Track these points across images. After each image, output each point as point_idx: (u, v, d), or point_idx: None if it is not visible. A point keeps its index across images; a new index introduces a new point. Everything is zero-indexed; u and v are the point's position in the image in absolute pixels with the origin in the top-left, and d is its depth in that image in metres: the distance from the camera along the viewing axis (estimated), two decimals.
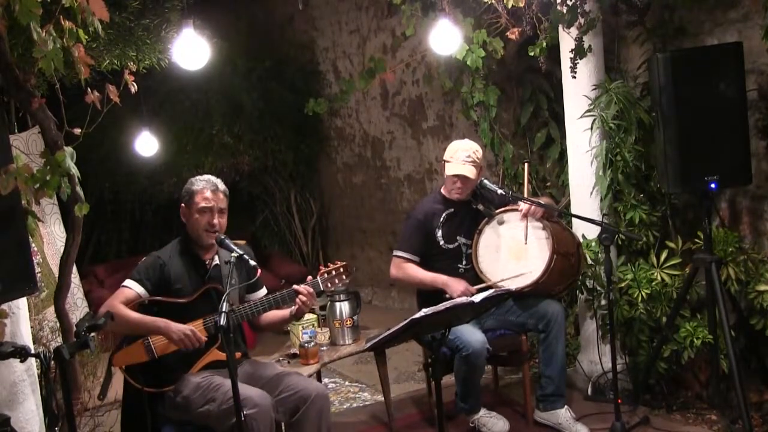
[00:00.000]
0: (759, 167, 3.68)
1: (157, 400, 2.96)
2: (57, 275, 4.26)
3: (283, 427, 3.13)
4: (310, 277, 3.13)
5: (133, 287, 2.98)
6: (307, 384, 3.06)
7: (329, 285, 3.12)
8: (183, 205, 3.11)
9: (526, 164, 3.97)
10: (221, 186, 3.12)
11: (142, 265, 3.06)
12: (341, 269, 3.14)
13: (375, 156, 6.69)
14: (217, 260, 3.15)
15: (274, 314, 3.20)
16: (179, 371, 2.96)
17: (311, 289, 3.04)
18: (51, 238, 4.36)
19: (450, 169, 3.69)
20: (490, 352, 3.50)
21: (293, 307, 3.08)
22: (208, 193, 3.06)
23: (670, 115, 3.37)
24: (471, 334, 3.43)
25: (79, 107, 3.03)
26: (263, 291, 3.29)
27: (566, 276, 3.70)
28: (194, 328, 2.92)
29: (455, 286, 3.59)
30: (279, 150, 6.84)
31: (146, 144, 5.19)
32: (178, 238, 3.17)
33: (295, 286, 3.06)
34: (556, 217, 3.80)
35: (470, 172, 3.65)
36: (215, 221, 3.04)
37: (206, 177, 3.14)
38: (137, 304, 2.95)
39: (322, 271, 3.14)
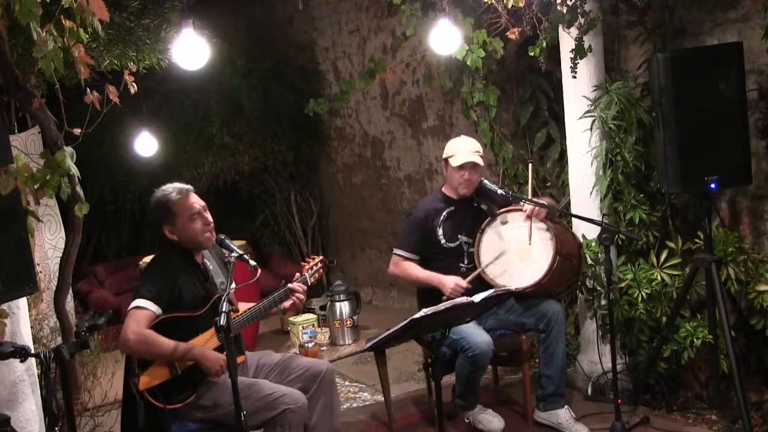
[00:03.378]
0: (759, 167, 3.68)
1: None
2: (44, 277, 4.27)
3: None
4: (298, 275, 3.25)
5: (150, 308, 2.85)
6: (313, 362, 3.24)
7: (313, 280, 3.29)
8: (165, 226, 3.01)
9: (530, 164, 3.94)
10: (188, 186, 3.10)
11: (150, 281, 2.94)
12: (319, 263, 3.33)
13: (375, 156, 6.69)
14: (207, 262, 3.16)
15: None
16: (197, 382, 2.94)
17: (304, 286, 3.20)
18: (40, 240, 4.35)
19: (456, 161, 3.67)
20: (494, 353, 3.51)
21: (286, 303, 3.17)
22: (186, 201, 3.02)
23: (670, 115, 3.37)
24: (477, 336, 3.43)
25: (79, 107, 3.03)
26: (233, 284, 3.29)
27: (567, 276, 3.70)
28: (225, 359, 2.88)
29: (446, 282, 3.60)
30: (279, 150, 6.84)
31: (146, 144, 5.19)
32: (165, 250, 3.07)
33: (290, 285, 3.17)
34: (558, 218, 3.80)
35: (478, 159, 3.66)
36: (209, 219, 3.05)
37: (169, 188, 3.07)
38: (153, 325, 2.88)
39: (306, 268, 3.28)
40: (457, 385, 3.67)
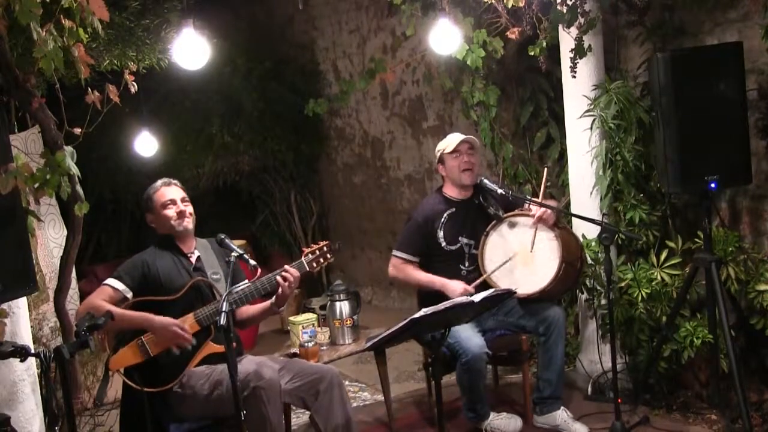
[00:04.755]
0: (759, 167, 3.68)
1: (159, 398, 2.96)
2: (47, 276, 4.28)
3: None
4: (295, 263, 3.11)
5: (113, 284, 3.00)
6: (317, 367, 3.20)
7: (315, 265, 3.10)
8: (147, 214, 3.22)
9: (545, 169, 3.77)
10: (173, 180, 3.27)
11: (123, 265, 3.10)
12: (325, 248, 3.12)
13: (375, 156, 6.69)
14: (197, 252, 3.21)
15: (253, 308, 3.23)
16: (177, 367, 2.97)
17: (297, 273, 3.04)
18: (44, 239, 4.37)
19: (450, 148, 3.70)
20: (490, 356, 3.49)
21: (276, 294, 3.08)
22: (163, 189, 3.20)
23: (670, 115, 3.37)
24: (469, 340, 3.41)
25: (79, 107, 3.03)
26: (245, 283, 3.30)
27: (570, 281, 3.69)
28: (179, 322, 2.94)
29: (453, 287, 3.59)
30: (279, 150, 6.84)
31: (146, 144, 5.19)
32: (153, 242, 3.21)
33: (282, 274, 3.02)
34: (563, 223, 3.79)
35: (473, 139, 3.70)
36: (182, 208, 3.16)
37: (157, 181, 3.27)
38: (126, 307, 2.95)
39: (306, 252, 3.13)
40: (462, 396, 3.62)
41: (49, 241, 4.39)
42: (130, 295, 2.99)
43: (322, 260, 3.11)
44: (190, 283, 3.05)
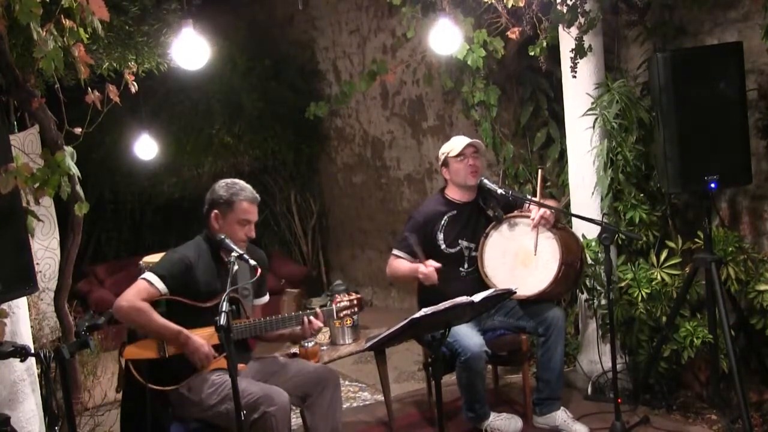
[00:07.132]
0: (759, 167, 3.68)
1: (161, 397, 2.95)
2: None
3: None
4: (326, 309, 3.16)
5: (155, 283, 2.92)
6: (317, 368, 3.19)
7: (342, 315, 3.18)
8: (216, 211, 3.05)
9: (539, 171, 3.79)
10: (258, 197, 3.12)
11: (167, 261, 3.00)
12: (355, 301, 3.21)
13: (375, 156, 6.69)
14: (236, 265, 3.14)
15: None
16: (186, 374, 2.95)
17: (321, 324, 3.11)
18: (32, 242, 4.35)
19: (455, 151, 3.67)
20: (489, 355, 3.48)
21: (296, 328, 3.10)
22: (247, 205, 3.05)
23: (670, 115, 3.37)
24: (469, 338, 3.41)
25: (79, 107, 3.04)
26: (266, 298, 3.31)
27: (569, 282, 3.68)
28: (209, 352, 2.93)
29: (423, 270, 3.55)
30: (279, 150, 6.84)
31: (145, 147, 5.19)
32: (200, 237, 3.11)
33: (310, 317, 3.08)
34: (563, 223, 3.78)
35: (478, 143, 3.68)
36: (252, 234, 3.07)
37: (245, 186, 3.10)
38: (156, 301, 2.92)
39: (337, 300, 3.18)
40: (462, 396, 3.61)
41: (35, 243, 4.37)
42: (166, 293, 2.94)
43: (349, 311, 3.20)
44: (224, 295, 3.01)
